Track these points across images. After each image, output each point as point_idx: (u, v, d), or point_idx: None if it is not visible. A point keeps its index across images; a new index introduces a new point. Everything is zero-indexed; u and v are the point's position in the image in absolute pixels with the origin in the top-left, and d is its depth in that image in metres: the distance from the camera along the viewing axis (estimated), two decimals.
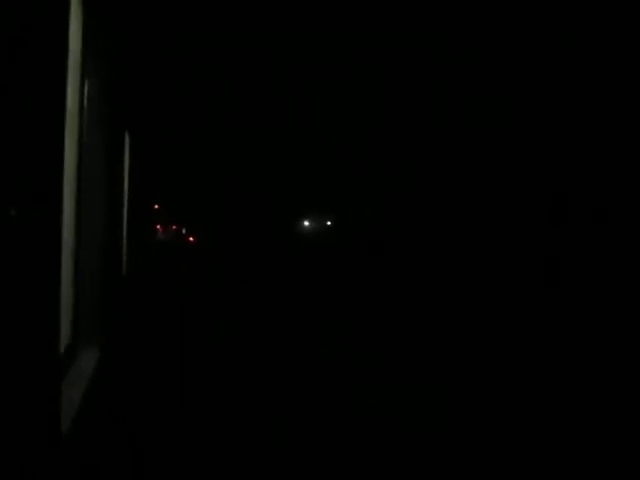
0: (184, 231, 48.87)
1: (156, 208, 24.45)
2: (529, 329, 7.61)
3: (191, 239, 45.64)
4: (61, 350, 3.35)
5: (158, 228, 34.79)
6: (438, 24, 11.62)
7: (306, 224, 40.18)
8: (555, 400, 4.54)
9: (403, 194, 23.82)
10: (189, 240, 45.26)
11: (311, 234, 37.82)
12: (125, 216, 7.17)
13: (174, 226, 47.48)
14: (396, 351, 6.16)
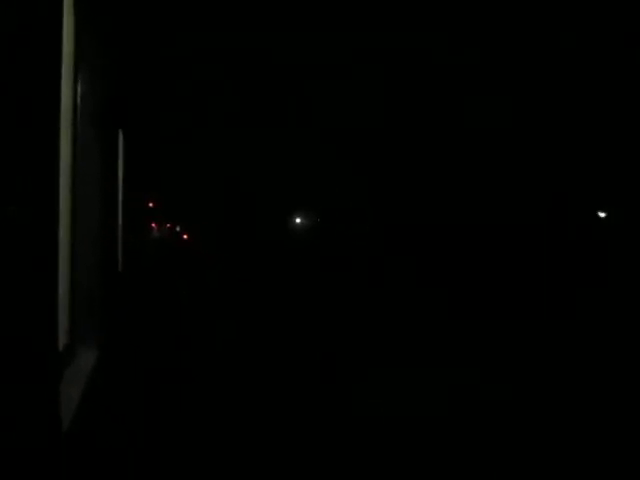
0: (178, 229, 48.72)
1: (151, 206, 24.28)
2: (525, 325, 7.61)
3: (185, 237, 45.50)
4: (59, 349, 3.28)
5: (153, 226, 34.57)
6: (438, 24, 11.54)
7: (298, 221, 40.06)
8: (556, 392, 4.52)
9: (395, 192, 23.76)
10: (183, 238, 45.12)
11: (302, 230, 37.71)
12: (120, 214, 7.07)
13: (168, 224, 47.34)
14: (391, 346, 6.14)
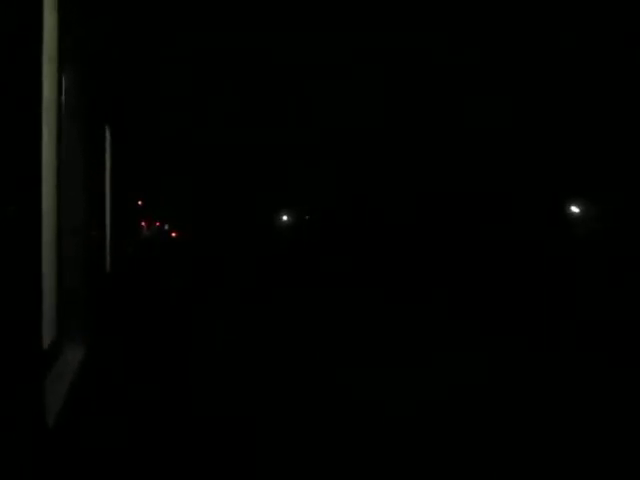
0: (167, 227, 48.48)
1: (140, 204, 24.08)
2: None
3: (174, 235, 45.32)
4: (45, 346, 3.19)
5: (143, 225, 34.32)
6: (438, 24, 11.48)
7: (284, 218, 39.90)
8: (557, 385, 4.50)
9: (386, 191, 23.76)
10: (172, 236, 44.92)
11: (289, 228, 37.55)
12: (108, 212, 6.95)
13: (157, 223, 47.14)
14: (386, 341, 6.10)
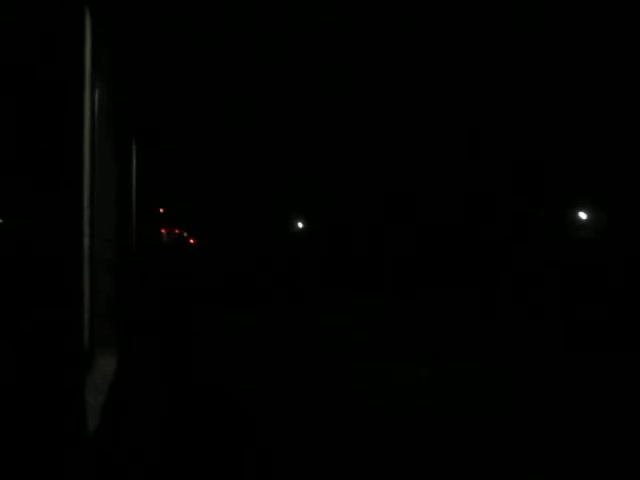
0: (185, 234, 48.91)
1: (161, 212, 24.26)
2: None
3: (192, 241, 45.79)
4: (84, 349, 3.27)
5: (163, 231, 34.62)
6: (438, 24, 11.41)
7: (300, 225, 39.91)
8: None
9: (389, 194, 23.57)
10: (190, 242, 45.39)
11: (304, 235, 37.50)
12: (134, 219, 7.07)
13: (176, 229, 47.57)
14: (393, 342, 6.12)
